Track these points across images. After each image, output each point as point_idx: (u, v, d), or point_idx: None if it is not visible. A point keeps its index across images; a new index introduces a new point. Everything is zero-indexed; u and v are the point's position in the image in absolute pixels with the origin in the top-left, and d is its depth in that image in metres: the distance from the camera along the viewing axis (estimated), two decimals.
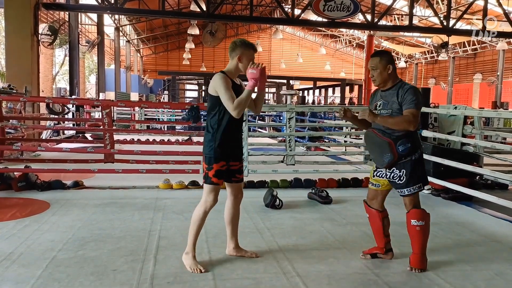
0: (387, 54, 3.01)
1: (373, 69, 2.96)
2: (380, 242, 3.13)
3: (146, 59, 34.17)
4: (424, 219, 2.93)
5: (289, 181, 5.73)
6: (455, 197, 5.13)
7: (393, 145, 2.87)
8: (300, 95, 20.74)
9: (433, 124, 5.98)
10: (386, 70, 2.93)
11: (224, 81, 2.80)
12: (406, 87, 2.90)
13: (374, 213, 3.11)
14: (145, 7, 17.85)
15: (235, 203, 3.06)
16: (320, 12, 11.40)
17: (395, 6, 20.85)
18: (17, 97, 7.16)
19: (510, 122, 12.81)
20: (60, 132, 10.62)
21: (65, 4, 11.34)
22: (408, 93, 2.86)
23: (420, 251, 2.94)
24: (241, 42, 2.91)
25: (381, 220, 3.09)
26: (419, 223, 2.91)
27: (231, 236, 3.12)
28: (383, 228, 3.09)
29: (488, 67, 27.20)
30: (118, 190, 5.28)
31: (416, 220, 2.92)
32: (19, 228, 3.66)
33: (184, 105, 7.58)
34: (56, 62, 20.01)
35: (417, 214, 2.93)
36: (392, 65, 2.95)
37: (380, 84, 2.98)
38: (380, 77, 2.94)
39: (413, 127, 2.83)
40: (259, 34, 34.79)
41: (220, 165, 2.86)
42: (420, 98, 2.89)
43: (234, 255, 3.10)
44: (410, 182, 2.91)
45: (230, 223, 3.09)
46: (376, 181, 3.09)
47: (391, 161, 2.90)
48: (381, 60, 2.93)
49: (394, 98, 2.90)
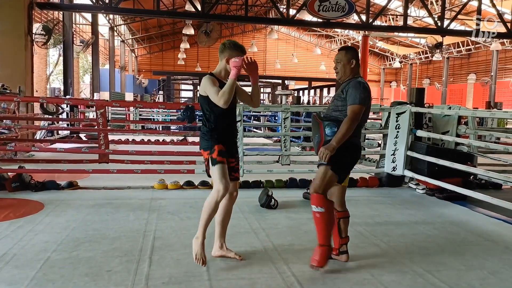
0: (353, 49, 3.08)
1: (337, 62, 3.01)
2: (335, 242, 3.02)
3: (140, 59, 34.08)
4: (324, 206, 2.81)
5: (284, 181, 5.73)
6: (449, 197, 5.15)
7: (322, 126, 2.91)
8: (295, 95, 20.77)
9: (428, 124, 6.00)
10: (349, 64, 2.97)
11: (210, 80, 2.88)
12: (353, 80, 2.93)
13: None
14: (140, 7, 17.82)
15: (229, 202, 3.04)
16: (315, 12, 11.41)
17: (389, 7, 20.90)
18: (11, 97, 7.11)
19: (503, 122, 12.89)
20: (54, 132, 10.55)
21: (59, 3, 11.25)
22: (350, 86, 2.89)
23: (321, 241, 2.84)
24: (230, 43, 2.95)
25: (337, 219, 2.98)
26: (318, 209, 2.81)
27: (220, 236, 3.08)
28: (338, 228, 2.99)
29: (482, 68, 27.38)
30: (113, 191, 5.26)
31: (316, 206, 2.82)
32: (12, 229, 3.64)
33: (179, 105, 7.57)
34: (50, 62, 19.88)
35: (317, 200, 2.82)
36: (356, 60, 3.00)
37: (341, 78, 3.02)
38: (342, 70, 2.99)
39: (358, 121, 2.84)
40: (254, 34, 34.79)
41: (220, 147, 2.89)
42: (362, 92, 2.84)
43: (218, 255, 3.06)
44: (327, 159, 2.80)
45: (221, 222, 3.06)
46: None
47: (319, 143, 2.90)
48: (346, 53, 3.00)
49: (339, 91, 2.96)
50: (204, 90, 2.89)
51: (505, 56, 25.49)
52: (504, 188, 5.97)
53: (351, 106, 2.83)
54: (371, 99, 3.00)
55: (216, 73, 2.97)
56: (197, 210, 4.38)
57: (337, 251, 3.04)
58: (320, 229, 2.85)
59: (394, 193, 5.51)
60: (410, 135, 5.73)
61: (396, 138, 5.76)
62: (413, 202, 5.09)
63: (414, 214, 4.49)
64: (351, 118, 2.81)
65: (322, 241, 2.86)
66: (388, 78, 37.22)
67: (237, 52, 2.90)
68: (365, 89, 2.89)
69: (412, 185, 5.80)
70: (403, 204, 4.93)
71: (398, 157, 5.72)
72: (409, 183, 5.90)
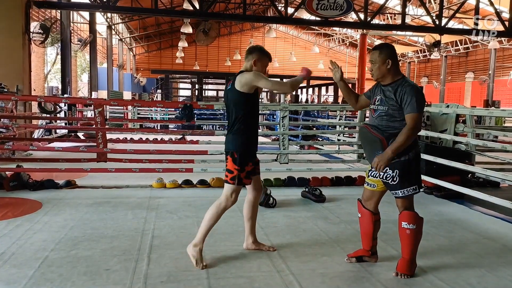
0: (387, 47, 2.86)
1: (372, 63, 2.83)
2: (367, 245, 3.02)
3: (139, 57, 34.01)
4: (416, 223, 2.80)
5: (282, 180, 5.74)
6: (447, 195, 5.16)
7: (385, 142, 2.75)
8: (293, 93, 20.75)
9: (426, 123, 6.00)
10: (385, 65, 2.79)
11: (258, 73, 2.92)
12: (406, 85, 2.74)
13: (367, 214, 2.98)
14: (138, 5, 17.75)
15: (256, 196, 3.15)
16: (313, 11, 11.40)
17: (388, 5, 20.90)
18: (9, 96, 7.08)
19: (501, 120, 12.92)
20: (52, 131, 10.53)
21: (56, 2, 11.21)
22: (407, 93, 2.71)
23: (409, 256, 2.83)
24: (260, 48, 3.06)
25: (373, 222, 2.96)
26: (410, 226, 2.79)
27: (251, 231, 3.20)
28: (373, 231, 2.98)
29: (480, 66, 27.41)
30: (111, 189, 5.26)
31: (407, 223, 2.79)
32: (10, 228, 3.63)
33: (178, 103, 7.56)
34: (48, 61, 19.84)
35: (408, 217, 2.80)
36: (392, 59, 2.80)
37: (378, 78, 2.85)
38: (377, 71, 2.82)
39: (418, 130, 2.73)
40: (252, 32, 34.74)
41: (250, 167, 2.98)
42: (421, 98, 2.73)
43: (252, 249, 3.18)
44: (404, 183, 2.77)
45: (251, 218, 3.17)
46: (372, 181, 2.94)
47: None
48: (380, 53, 2.80)
49: (391, 95, 2.76)
50: (251, 83, 2.88)
51: (503, 54, 25.53)
52: (502, 186, 5.98)
53: (411, 114, 2.68)
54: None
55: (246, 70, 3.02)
56: (196, 209, 4.39)
57: (369, 253, 3.03)
58: (409, 243, 2.82)
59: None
60: None
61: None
62: None
63: None
64: (412, 128, 2.68)
65: (407, 255, 2.84)
66: None
67: (264, 57, 3.02)
68: (420, 94, 2.74)
69: None
70: None
71: None
72: None
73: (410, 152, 2.77)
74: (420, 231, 2.84)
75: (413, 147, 2.79)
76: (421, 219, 2.85)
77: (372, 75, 2.88)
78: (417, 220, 2.82)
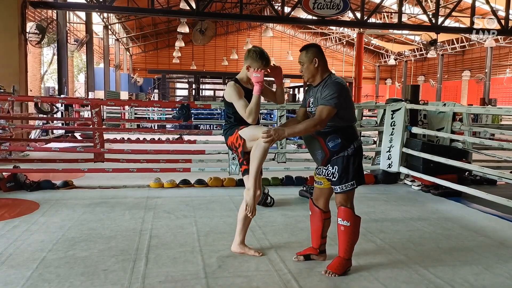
0: (313, 46, 2.84)
1: (301, 64, 2.81)
2: (315, 243, 3.00)
3: (135, 57, 33.93)
4: (350, 220, 2.75)
5: (280, 179, 5.74)
6: (444, 193, 5.18)
7: (323, 141, 2.75)
8: (290, 92, 20.76)
9: (423, 121, 6.03)
10: (313, 64, 2.76)
11: (236, 89, 2.87)
12: (330, 81, 2.73)
13: (317, 212, 2.95)
14: (134, 5, 17.71)
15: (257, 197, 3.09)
16: (310, 10, 11.41)
17: (384, 4, 20.93)
18: (5, 97, 7.06)
19: (498, 118, 12.96)
20: (49, 131, 10.50)
21: (53, 2, 11.17)
22: (328, 88, 2.69)
23: (343, 254, 2.79)
24: (254, 53, 2.90)
25: (322, 221, 2.94)
26: (344, 223, 2.75)
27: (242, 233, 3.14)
28: (322, 229, 2.95)
29: (476, 64, 27.48)
30: (109, 190, 5.25)
31: (342, 219, 2.76)
32: (7, 229, 3.62)
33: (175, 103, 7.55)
34: (44, 61, 19.78)
35: (344, 213, 2.76)
36: (319, 58, 2.77)
37: (309, 79, 2.83)
38: (307, 71, 2.80)
39: (321, 127, 2.67)
40: (249, 32, 34.70)
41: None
42: (339, 93, 2.67)
43: (238, 252, 3.12)
44: (343, 179, 2.75)
45: (244, 218, 3.11)
46: (318, 178, 2.94)
47: (324, 158, 2.78)
48: (306, 53, 2.78)
49: (319, 94, 2.74)
50: (230, 98, 2.90)
51: (499, 53, 25.59)
52: (498, 184, 6.00)
53: (321, 107, 2.67)
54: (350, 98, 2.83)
55: (240, 78, 2.99)
56: (193, 209, 4.40)
57: (317, 251, 3.01)
58: (343, 241, 2.79)
59: (389, 190, 5.54)
60: (405, 132, 5.75)
61: (392, 135, 5.78)
62: (408, 198, 5.12)
63: (409, 211, 4.51)
64: (316, 120, 2.66)
65: (342, 253, 2.80)
66: (383, 75, 37.25)
67: (258, 63, 2.86)
68: (341, 89, 2.69)
69: (408, 182, 5.82)
70: (399, 201, 4.96)
71: (393, 154, 5.74)
72: (405, 179, 5.92)
73: (348, 148, 2.76)
74: (355, 230, 2.80)
75: (352, 143, 2.78)
76: (358, 217, 2.81)
77: (303, 77, 2.86)
78: (352, 217, 2.78)
